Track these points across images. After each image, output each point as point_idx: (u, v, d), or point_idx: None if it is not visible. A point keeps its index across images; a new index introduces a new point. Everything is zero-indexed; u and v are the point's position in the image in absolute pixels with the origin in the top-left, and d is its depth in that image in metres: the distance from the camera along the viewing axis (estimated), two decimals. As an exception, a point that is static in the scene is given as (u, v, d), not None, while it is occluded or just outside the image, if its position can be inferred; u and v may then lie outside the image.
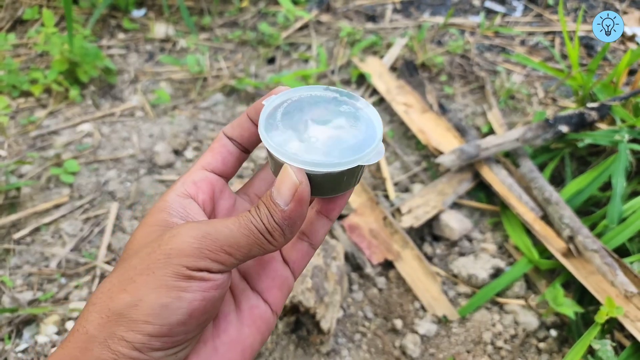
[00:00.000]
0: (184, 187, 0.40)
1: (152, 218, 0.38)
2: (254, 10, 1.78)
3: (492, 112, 1.31)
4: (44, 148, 1.22)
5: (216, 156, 0.42)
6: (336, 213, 0.43)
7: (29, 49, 1.53)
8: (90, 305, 0.33)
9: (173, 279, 0.32)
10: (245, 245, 0.34)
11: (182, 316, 0.32)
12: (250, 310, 0.41)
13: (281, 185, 0.34)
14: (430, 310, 0.91)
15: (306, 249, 0.44)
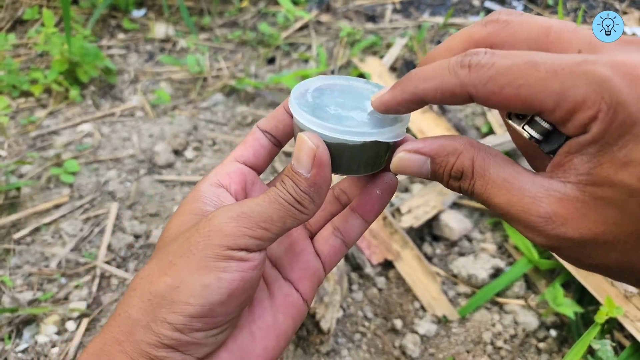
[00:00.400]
0: (216, 178, 0.41)
1: (187, 207, 0.39)
2: (254, 10, 1.78)
3: (491, 112, 1.31)
4: (44, 148, 1.23)
5: (249, 149, 0.43)
6: (374, 215, 0.43)
7: (29, 49, 1.53)
8: (131, 290, 0.34)
9: (213, 260, 0.32)
10: (279, 219, 0.35)
11: (222, 296, 0.32)
12: (285, 298, 0.41)
13: (299, 154, 0.35)
14: (430, 310, 0.91)
15: (339, 246, 0.44)
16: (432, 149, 0.33)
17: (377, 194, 0.42)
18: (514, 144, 1.12)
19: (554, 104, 0.26)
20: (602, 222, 0.26)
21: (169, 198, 1.12)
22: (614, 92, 0.24)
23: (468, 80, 0.28)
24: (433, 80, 0.31)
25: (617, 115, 0.24)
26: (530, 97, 0.26)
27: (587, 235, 0.26)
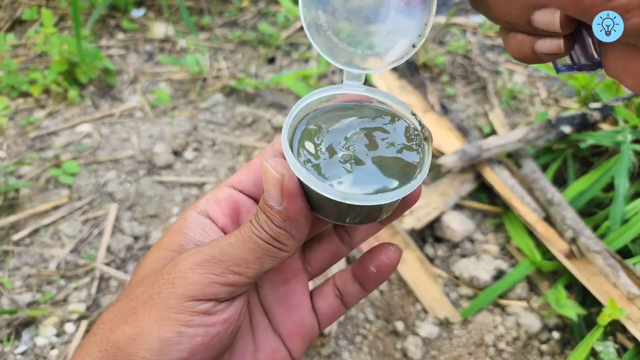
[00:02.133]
0: (205, 205, 0.37)
1: (167, 240, 0.35)
2: (254, 10, 1.77)
3: (494, 113, 1.31)
4: (43, 149, 1.22)
5: (249, 175, 0.38)
6: (372, 286, 0.39)
7: (28, 50, 1.52)
8: (91, 336, 0.32)
9: (175, 312, 0.29)
10: (254, 260, 0.31)
11: (182, 353, 0.29)
12: (271, 355, 0.37)
13: (267, 185, 0.31)
14: (432, 312, 0.90)
15: (338, 307, 0.41)
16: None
17: (373, 271, 0.37)
18: (516, 145, 1.12)
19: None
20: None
21: (168, 199, 1.11)
22: None
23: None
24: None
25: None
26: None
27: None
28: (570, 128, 1.06)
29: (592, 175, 1.01)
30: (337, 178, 0.32)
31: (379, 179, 0.33)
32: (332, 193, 0.30)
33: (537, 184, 1.03)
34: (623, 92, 1.10)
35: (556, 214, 0.96)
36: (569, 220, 0.93)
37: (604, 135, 1.02)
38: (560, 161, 1.10)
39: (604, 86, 1.13)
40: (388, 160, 0.33)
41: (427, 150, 0.34)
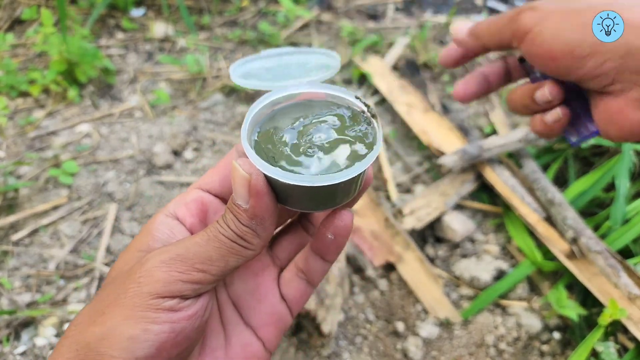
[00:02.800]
0: (174, 208, 0.38)
1: (137, 242, 0.36)
2: (254, 9, 1.77)
3: (494, 113, 1.30)
4: (43, 149, 1.22)
5: (215, 176, 0.39)
6: (332, 257, 0.40)
7: (28, 49, 1.52)
8: (63, 338, 0.32)
9: (141, 309, 0.30)
10: (219, 258, 0.32)
11: (149, 349, 0.30)
12: (243, 349, 0.38)
13: (235, 184, 0.32)
14: (433, 312, 0.90)
15: (304, 287, 0.41)
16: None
17: (330, 238, 0.38)
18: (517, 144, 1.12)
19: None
20: None
21: (168, 199, 1.11)
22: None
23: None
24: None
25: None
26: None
27: None
28: (571, 128, 1.05)
29: (593, 175, 1.01)
30: (301, 167, 0.34)
31: (340, 161, 0.35)
32: (300, 180, 0.32)
33: (538, 184, 1.02)
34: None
35: (557, 214, 0.96)
36: (570, 220, 0.93)
37: (605, 135, 1.02)
38: (561, 161, 1.10)
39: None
40: (344, 144, 0.36)
41: (376, 126, 0.37)
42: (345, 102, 0.39)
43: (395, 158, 1.22)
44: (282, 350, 0.84)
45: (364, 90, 1.41)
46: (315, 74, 0.40)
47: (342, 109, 0.38)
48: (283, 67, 0.41)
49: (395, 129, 1.29)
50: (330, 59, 0.41)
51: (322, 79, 0.39)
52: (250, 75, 0.39)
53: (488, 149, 1.06)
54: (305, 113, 0.38)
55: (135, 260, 0.34)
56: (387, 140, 1.25)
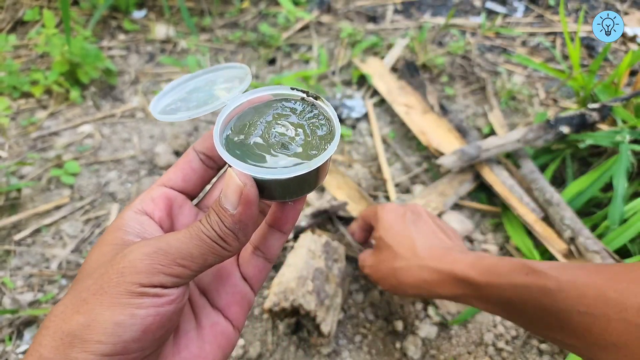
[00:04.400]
0: (141, 204, 0.40)
1: (108, 237, 0.38)
2: (255, 11, 1.78)
3: (493, 113, 1.31)
4: (45, 149, 1.23)
5: (177, 173, 0.42)
6: (289, 226, 0.43)
7: (30, 50, 1.53)
8: (43, 329, 0.33)
9: (126, 297, 0.31)
10: (199, 256, 0.34)
11: (136, 333, 0.31)
12: (212, 327, 0.40)
13: (227, 190, 0.34)
14: (444, 308, 0.91)
15: (262, 264, 0.44)
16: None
17: (290, 204, 0.41)
18: (515, 145, 1.12)
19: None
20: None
21: (169, 199, 1.12)
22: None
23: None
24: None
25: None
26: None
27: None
28: (568, 128, 1.06)
29: (591, 175, 1.02)
30: (272, 162, 0.37)
31: (306, 147, 0.38)
32: (278, 173, 0.35)
33: (535, 184, 1.03)
34: (622, 93, 1.11)
35: (555, 213, 0.96)
36: (568, 220, 0.94)
37: (603, 136, 1.03)
38: (559, 161, 1.11)
39: (602, 86, 1.14)
40: (303, 132, 0.39)
41: (323, 106, 0.40)
42: (288, 96, 0.42)
43: (395, 158, 1.23)
44: (283, 349, 0.84)
45: (363, 91, 1.41)
46: (238, 86, 0.43)
47: (288, 102, 0.41)
48: (199, 91, 0.44)
49: (394, 129, 1.30)
50: (238, 70, 0.45)
51: (245, 89, 0.42)
52: (173, 110, 0.42)
53: (486, 150, 1.07)
54: (259, 115, 0.41)
55: (110, 253, 0.36)
56: (386, 140, 1.26)
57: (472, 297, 0.61)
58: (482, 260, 0.61)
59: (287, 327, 0.87)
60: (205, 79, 0.46)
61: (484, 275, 0.58)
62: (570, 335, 0.49)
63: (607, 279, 0.47)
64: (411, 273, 0.68)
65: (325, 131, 0.39)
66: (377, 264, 0.75)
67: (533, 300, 0.52)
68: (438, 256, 0.67)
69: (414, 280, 0.67)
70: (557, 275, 0.50)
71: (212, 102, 0.41)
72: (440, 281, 0.64)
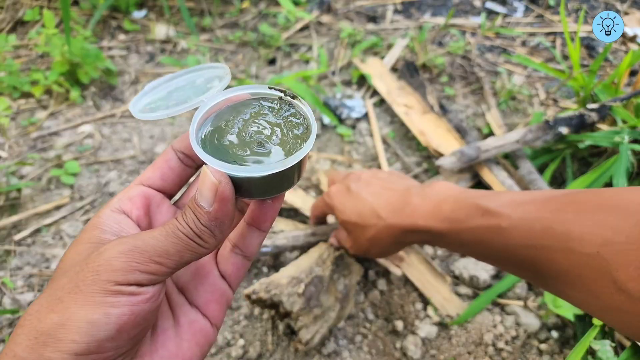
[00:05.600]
0: (118, 203, 0.40)
1: (85, 235, 0.37)
2: (255, 11, 1.78)
3: (490, 113, 1.31)
4: (45, 149, 1.23)
5: (156, 172, 0.42)
6: (267, 224, 0.43)
7: (30, 50, 1.53)
8: (18, 328, 0.33)
9: (101, 295, 0.31)
10: (175, 253, 0.34)
11: (110, 332, 0.31)
12: (190, 325, 0.41)
13: (202, 187, 0.34)
14: (444, 311, 0.91)
15: (241, 262, 0.44)
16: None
17: (269, 202, 0.42)
18: (514, 145, 1.12)
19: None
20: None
21: (169, 199, 1.12)
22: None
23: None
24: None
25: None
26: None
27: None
28: (567, 129, 1.06)
29: (591, 175, 1.02)
30: (250, 160, 0.37)
31: (283, 145, 0.38)
32: (253, 171, 0.35)
33: (534, 185, 1.03)
34: (622, 93, 1.11)
35: (555, 214, 0.96)
36: (568, 220, 0.94)
37: (602, 136, 1.03)
38: (559, 161, 1.11)
39: (602, 86, 1.14)
40: (280, 131, 0.39)
41: (300, 105, 0.41)
42: (265, 95, 0.42)
43: (394, 158, 1.23)
44: (282, 349, 0.85)
45: (363, 91, 1.42)
46: (217, 85, 0.43)
47: (266, 101, 0.42)
48: (179, 90, 0.44)
49: (394, 129, 1.30)
50: (219, 70, 0.45)
51: (224, 87, 0.43)
52: (153, 109, 0.42)
53: (486, 150, 1.07)
54: (236, 113, 0.41)
55: (86, 252, 0.36)
56: (387, 140, 1.26)
57: (437, 242, 0.67)
58: (440, 208, 0.64)
59: (287, 327, 0.87)
60: (186, 79, 0.46)
61: (444, 222, 0.63)
62: (523, 269, 0.53)
63: (554, 210, 0.49)
64: (383, 236, 0.72)
65: (302, 130, 0.40)
66: (355, 242, 0.79)
67: (489, 240, 0.56)
68: (399, 210, 0.70)
69: (388, 240, 0.72)
70: (510, 213, 0.54)
71: (190, 101, 0.41)
72: (407, 233, 0.69)
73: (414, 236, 0.70)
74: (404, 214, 0.69)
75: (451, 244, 0.65)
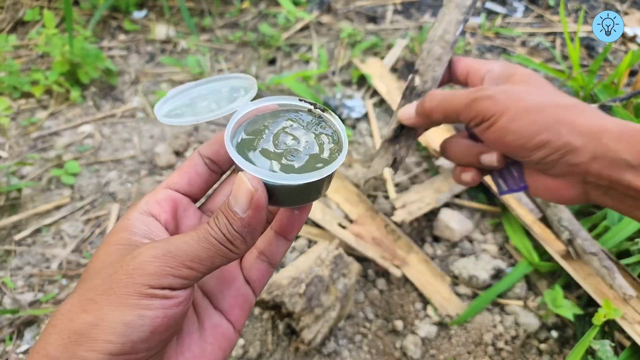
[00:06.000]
0: (147, 206, 0.40)
1: (115, 237, 0.38)
2: (255, 11, 1.78)
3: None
4: (45, 149, 1.23)
5: (183, 176, 0.43)
6: (294, 233, 0.44)
7: (30, 50, 1.53)
8: (50, 327, 0.33)
9: (135, 298, 0.32)
10: (207, 258, 0.34)
11: (144, 333, 0.32)
12: (214, 329, 0.41)
13: (237, 193, 0.35)
14: (444, 311, 0.91)
15: (266, 269, 0.45)
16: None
17: (296, 213, 0.42)
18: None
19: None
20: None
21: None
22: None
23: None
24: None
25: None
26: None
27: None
28: (568, 129, 1.06)
29: (590, 175, 1.02)
30: (283, 169, 0.38)
31: (316, 157, 0.39)
32: (291, 179, 0.36)
33: (535, 185, 1.03)
34: (622, 93, 1.11)
35: (552, 215, 0.97)
36: (565, 221, 0.94)
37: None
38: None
39: (602, 86, 1.14)
40: (314, 142, 0.40)
41: (332, 118, 0.42)
42: (295, 107, 0.43)
43: (395, 159, 1.23)
44: (283, 349, 0.85)
45: (363, 91, 1.42)
46: (243, 95, 0.44)
47: (298, 113, 0.43)
48: (204, 99, 0.45)
49: (395, 129, 1.30)
50: (243, 80, 0.46)
51: (251, 98, 0.43)
52: (178, 115, 0.43)
53: (486, 150, 1.07)
54: (267, 123, 0.42)
55: (116, 253, 0.36)
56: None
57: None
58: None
59: (287, 327, 0.87)
60: (209, 88, 0.46)
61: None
62: None
63: None
64: (588, 115, 0.47)
65: (333, 142, 0.40)
66: (517, 93, 0.51)
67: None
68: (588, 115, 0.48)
69: (592, 124, 0.46)
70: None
71: (220, 109, 0.42)
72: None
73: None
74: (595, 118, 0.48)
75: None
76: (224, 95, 0.45)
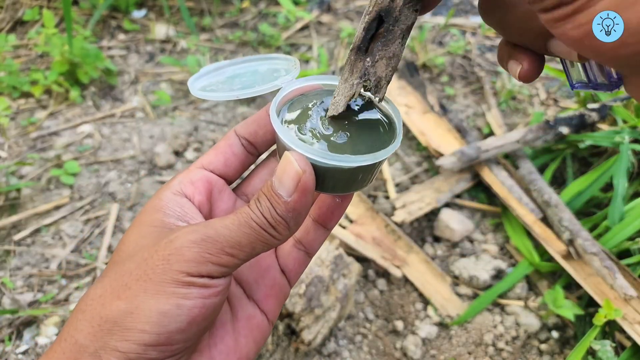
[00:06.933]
0: (180, 186, 0.38)
1: (147, 217, 0.36)
2: (255, 10, 1.78)
3: (491, 113, 1.31)
4: (45, 149, 1.22)
5: (219, 156, 0.40)
6: (334, 222, 0.41)
7: (30, 50, 1.53)
8: (79, 312, 0.31)
9: (172, 286, 0.30)
10: (248, 244, 0.32)
11: (181, 324, 0.30)
12: (247, 320, 0.39)
13: (283, 175, 0.32)
14: (444, 311, 0.91)
15: (303, 258, 0.42)
16: None
17: (338, 201, 0.40)
18: (514, 145, 1.12)
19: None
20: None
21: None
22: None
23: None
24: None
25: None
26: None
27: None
28: (568, 129, 1.06)
29: (591, 175, 1.02)
30: (336, 151, 0.34)
31: (366, 142, 0.35)
32: (345, 160, 0.32)
33: (534, 185, 1.03)
34: (622, 93, 1.11)
35: (553, 215, 0.96)
36: (566, 221, 0.94)
37: (603, 136, 1.03)
38: (559, 161, 1.11)
39: (602, 87, 1.13)
40: (364, 125, 0.36)
41: (385, 102, 0.38)
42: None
43: (395, 158, 1.23)
44: (283, 349, 0.84)
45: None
46: (284, 75, 0.41)
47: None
48: (241, 77, 0.42)
49: (395, 129, 1.30)
50: (283, 61, 0.43)
51: (296, 75, 0.40)
52: (213, 90, 0.40)
53: (486, 150, 1.07)
54: (314, 104, 0.38)
55: (151, 235, 0.34)
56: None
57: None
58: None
59: (287, 327, 0.87)
60: (246, 67, 0.44)
61: None
62: None
63: None
64: None
65: (384, 127, 0.37)
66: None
67: None
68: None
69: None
70: None
71: (259, 86, 0.39)
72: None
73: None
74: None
75: None
76: (262, 75, 0.42)
